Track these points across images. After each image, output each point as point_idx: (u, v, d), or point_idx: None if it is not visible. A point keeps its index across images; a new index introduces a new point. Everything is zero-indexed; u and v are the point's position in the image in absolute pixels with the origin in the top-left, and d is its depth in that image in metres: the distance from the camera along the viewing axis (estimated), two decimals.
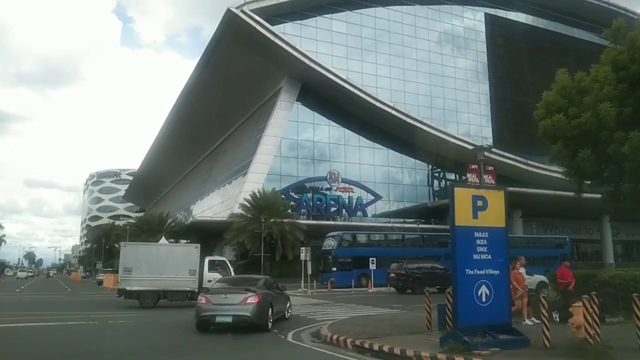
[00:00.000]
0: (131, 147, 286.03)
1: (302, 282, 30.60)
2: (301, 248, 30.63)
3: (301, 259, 30.60)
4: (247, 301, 12.01)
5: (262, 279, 14.52)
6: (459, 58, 62.91)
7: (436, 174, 60.77)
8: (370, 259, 31.29)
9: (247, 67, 52.06)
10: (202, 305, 12.32)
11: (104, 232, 78.37)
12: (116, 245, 70.09)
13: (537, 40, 67.54)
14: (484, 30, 64.78)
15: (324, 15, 55.04)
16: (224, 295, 12.33)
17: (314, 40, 53.47)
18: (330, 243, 33.22)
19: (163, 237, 41.69)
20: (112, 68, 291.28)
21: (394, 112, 51.47)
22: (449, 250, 32.35)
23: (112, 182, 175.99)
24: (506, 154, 56.81)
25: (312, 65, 48.52)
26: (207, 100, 61.40)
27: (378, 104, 50.97)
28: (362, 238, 36.45)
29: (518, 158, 57.67)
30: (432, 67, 60.79)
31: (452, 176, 62.09)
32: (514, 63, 65.75)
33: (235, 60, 51.94)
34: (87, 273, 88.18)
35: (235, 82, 55.45)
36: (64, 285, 48.20)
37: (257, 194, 40.30)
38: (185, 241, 56.10)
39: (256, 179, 47.82)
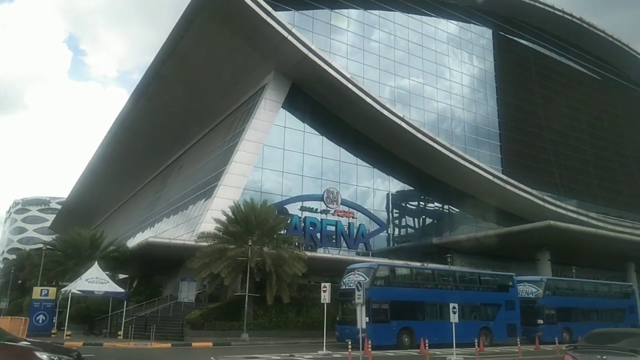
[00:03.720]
0: (67, 178, 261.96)
1: (325, 338, 19.08)
2: (324, 285, 19.30)
3: (323, 301, 19.26)
4: None
5: None
6: (466, 75, 55.15)
7: (443, 206, 51.11)
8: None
9: (223, 58, 41.52)
10: None
11: (17, 263, 62.05)
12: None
13: (543, 69, 61.91)
14: (492, 48, 58.00)
15: (327, 7, 45.92)
16: (599, 356, 8.28)
17: (310, 32, 43.76)
18: (358, 279, 21.53)
19: (96, 264, 29.27)
20: (56, 98, 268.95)
21: (404, 125, 41.86)
22: (511, 296, 21.49)
23: (39, 210, 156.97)
24: (523, 186, 48.60)
25: (311, 55, 38.40)
26: (161, 108, 50.55)
27: (386, 112, 41.25)
28: (402, 273, 24.62)
29: (534, 192, 49.53)
30: (440, 81, 52.51)
31: (461, 211, 52.70)
32: (522, 90, 59.07)
33: (207, 49, 41.43)
34: None
35: (204, 79, 44.32)
36: None
37: (242, 206, 28.20)
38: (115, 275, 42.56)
39: (229, 193, 36.01)
